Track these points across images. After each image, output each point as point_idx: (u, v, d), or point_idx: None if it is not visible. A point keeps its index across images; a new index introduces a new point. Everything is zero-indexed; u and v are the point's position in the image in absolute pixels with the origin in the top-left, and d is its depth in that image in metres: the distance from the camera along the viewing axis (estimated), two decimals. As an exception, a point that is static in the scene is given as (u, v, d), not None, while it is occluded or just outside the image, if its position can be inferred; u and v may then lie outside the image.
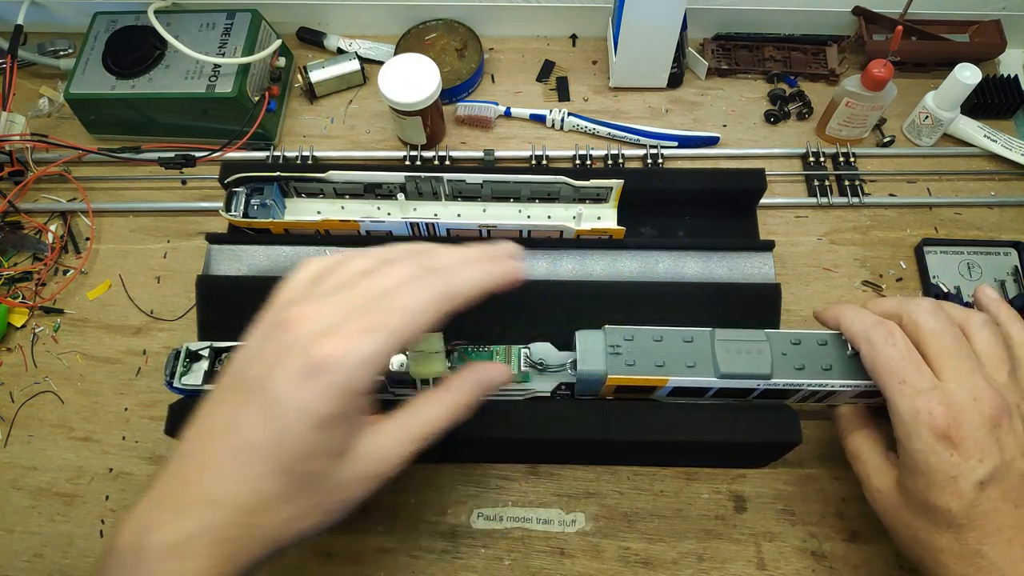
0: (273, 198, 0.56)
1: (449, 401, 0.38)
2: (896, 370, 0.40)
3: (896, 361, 0.40)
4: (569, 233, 0.55)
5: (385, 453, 0.36)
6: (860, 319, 0.42)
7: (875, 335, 0.41)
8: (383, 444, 0.36)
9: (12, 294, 0.61)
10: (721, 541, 0.52)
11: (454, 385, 0.39)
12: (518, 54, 0.74)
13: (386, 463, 0.36)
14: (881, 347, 0.40)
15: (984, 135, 0.66)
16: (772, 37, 0.73)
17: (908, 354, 0.40)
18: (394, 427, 0.37)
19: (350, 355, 0.32)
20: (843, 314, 0.43)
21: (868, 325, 0.41)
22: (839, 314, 0.44)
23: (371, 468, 0.35)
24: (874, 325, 0.41)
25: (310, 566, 0.51)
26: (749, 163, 0.67)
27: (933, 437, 0.38)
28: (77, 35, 0.71)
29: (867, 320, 0.42)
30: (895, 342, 0.40)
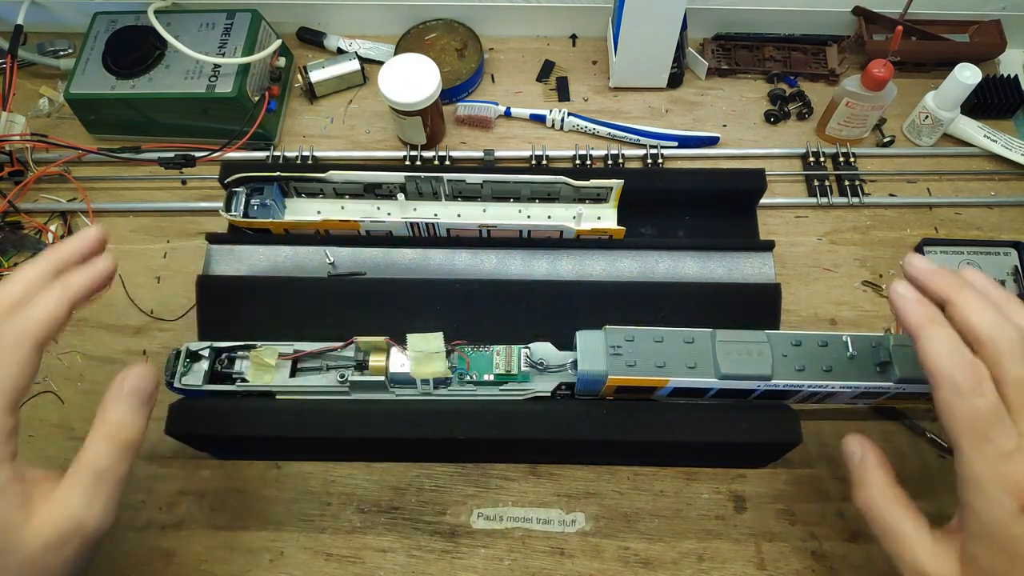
0: (273, 198, 0.56)
1: (102, 432, 0.37)
2: (981, 428, 0.33)
3: (984, 417, 0.33)
4: (569, 233, 0.55)
5: (66, 515, 0.34)
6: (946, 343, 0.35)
7: (963, 379, 0.34)
8: (60, 506, 0.35)
9: (12, 294, 0.61)
10: (721, 541, 0.52)
11: (101, 413, 0.38)
12: (518, 54, 0.74)
13: (71, 524, 0.35)
14: (969, 397, 0.33)
15: (984, 135, 0.66)
16: (772, 37, 0.73)
17: (997, 409, 0.33)
18: (66, 486, 0.35)
19: None
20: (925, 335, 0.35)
21: (955, 362, 0.34)
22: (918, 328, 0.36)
23: (56, 534, 0.34)
24: (962, 365, 0.34)
25: (310, 565, 0.51)
26: (749, 163, 0.67)
27: (1016, 507, 0.32)
28: (77, 35, 0.71)
29: (955, 347, 0.34)
30: (984, 393, 0.33)
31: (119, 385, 0.38)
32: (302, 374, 0.49)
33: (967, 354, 0.35)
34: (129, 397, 0.38)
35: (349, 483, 0.53)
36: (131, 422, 0.37)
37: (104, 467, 0.36)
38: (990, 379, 0.34)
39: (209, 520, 0.52)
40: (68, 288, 0.37)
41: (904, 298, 0.37)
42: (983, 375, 0.34)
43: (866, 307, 0.60)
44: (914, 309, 0.36)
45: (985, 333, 0.35)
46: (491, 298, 0.53)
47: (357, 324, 0.52)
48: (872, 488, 0.37)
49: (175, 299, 0.61)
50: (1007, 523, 0.33)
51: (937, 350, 0.35)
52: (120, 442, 0.37)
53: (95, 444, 0.37)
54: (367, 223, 0.55)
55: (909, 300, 0.36)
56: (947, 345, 0.35)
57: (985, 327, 0.35)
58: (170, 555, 0.51)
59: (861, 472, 0.38)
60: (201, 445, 0.53)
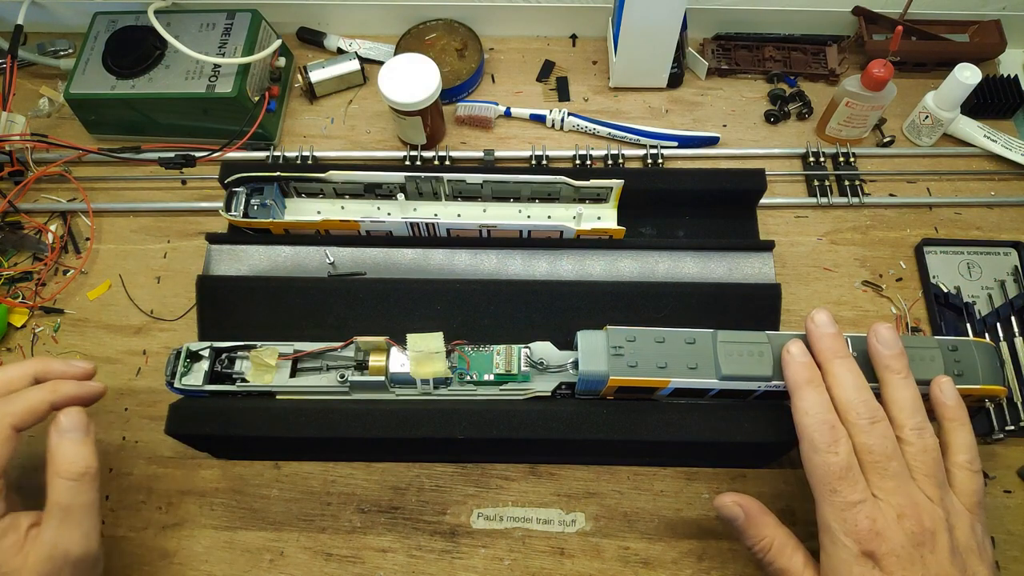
0: (273, 198, 0.56)
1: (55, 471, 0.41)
2: (831, 480, 0.39)
3: (834, 471, 0.39)
4: (569, 233, 0.55)
5: (49, 550, 0.40)
6: (813, 405, 0.40)
7: (820, 438, 0.39)
8: (44, 544, 0.40)
9: (12, 294, 0.61)
10: (721, 541, 0.52)
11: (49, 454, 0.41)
12: (518, 54, 0.74)
13: (57, 557, 0.40)
14: (823, 453, 0.39)
15: (984, 135, 0.66)
16: (772, 37, 0.73)
17: (847, 466, 0.39)
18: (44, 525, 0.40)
19: None
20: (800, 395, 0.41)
21: (817, 421, 0.40)
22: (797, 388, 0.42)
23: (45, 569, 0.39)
24: (822, 426, 0.40)
25: (310, 565, 0.51)
26: (749, 163, 0.67)
27: (857, 550, 0.38)
28: (77, 35, 0.71)
29: (819, 409, 0.40)
30: (837, 451, 0.39)
31: (56, 427, 0.42)
32: (302, 374, 0.49)
33: (829, 416, 0.40)
34: (69, 433, 0.42)
35: (349, 483, 0.53)
36: (77, 455, 0.41)
37: (67, 501, 0.40)
38: (847, 440, 0.39)
39: (209, 520, 0.52)
40: (54, 392, 0.43)
41: (791, 356, 0.42)
42: (840, 436, 0.39)
43: (866, 307, 0.60)
44: (796, 370, 0.42)
45: (843, 403, 0.41)
46: (491, 298, 0.53)
47: (357, 324, 0.52)
48: (764, 538, 0.41)
49: (175, 299, 0.61)
50: (850, 564, 0.37)
51: (804, 409, 0.40)
52: (75, 476, 0.41)
53: (53, 483, 0.41)
54: (367, 223, 0.55)
55: (794, 360, 0.42)
56: (813, 406, 0.40)
57: (844, 398, 0.41)
58: (170, 555, 0.51)
59: (750, 528, 0.42)
60: (201, 445, 0.53)
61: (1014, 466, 0.54)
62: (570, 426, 0.47)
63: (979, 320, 0.58)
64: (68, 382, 0.44)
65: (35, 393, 0.42)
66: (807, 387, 0.41)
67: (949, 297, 0.59)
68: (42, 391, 0.43)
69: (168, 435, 0.48)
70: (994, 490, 0.53)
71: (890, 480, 0.39)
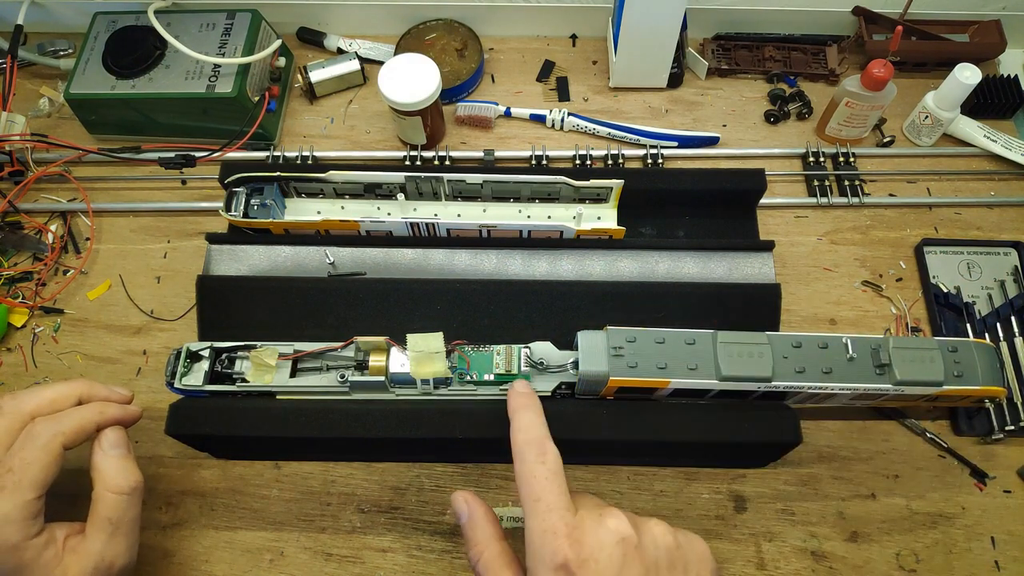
0: (273, 198, 0.56)
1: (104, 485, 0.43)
2: (536, 489, 0.38)
3: (537, 480, 0.38)
4: (569, 233, 0.55)
5: (96, 561, 0.41)
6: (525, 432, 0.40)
7: (527, 451, 0.39)
8: (90, 555, 0.41)
9: (12, 294, 0.61)
10: (721, 541, 0.52)
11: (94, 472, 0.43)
12: (518, 54, 0.74)
13: (101, 569, 0.41)
14: (530, 464, 0.39)
15: (984, 135, 0.66)
16: (772, 37, 0.73)
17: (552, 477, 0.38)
18: (90, 536, 0.42)
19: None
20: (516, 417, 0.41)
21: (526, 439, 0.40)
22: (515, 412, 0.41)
23: (98, 571, 0.41)
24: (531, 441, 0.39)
25: (310, 565, 0.51)
26: (749, 163, 0.67)
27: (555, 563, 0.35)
28: (77, 35, 0.71)
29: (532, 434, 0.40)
30: (544, 462, 0.39)
31: (100, 445, 0.44)
32: (302, 374, 0.49)
33: (540, 434, 0.40)
34: (113, 451, 0.44)
35: (349, 483, 0.53)
36: (120, 471, 0.43)
37: (117, 516, 0.42)
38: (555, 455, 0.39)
39: (209, 520, 0.52)
40: (102, 414, 0.44)
41: (513, 388, 0.43)
42: (547, 451, 0.39)
43: (866, 307, 0.60)
44: (515, 397, 0.42)
45: None
46: (491, 298, 0.53)
47: (357, 324, 0.52)
48: (479, 546, 0.40)
49: (175, 299, 0.61)
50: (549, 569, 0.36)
51: (517, 427, 0.41)
52: (123, 490, 0.43)
53: (104, 498, 0.42)
54: (367, 223, 0.55)
55: (515, 391, 0.43)
56: (526, 425, 0.41)
57: None
58: (170, 555, 0.51)
59: (470, 531, 0.40)
60: (201, 445, 0.53)
61: (1014, 466, 0.54)
62: (570, 426, 0.47)
63: (979, 320, 0.58)
64: (112, 404, 0.45)
65: (84, 413, 0.43)
66: (522, 410, 0.41)
67: (949, 297, 0.59)
68: (90, 411, 0.44)
69: (168, 435, 0.48)
70: (994, 490, 0.53)
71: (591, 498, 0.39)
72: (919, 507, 0.53)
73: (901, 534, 0.52)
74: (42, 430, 0.41)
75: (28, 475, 0.40)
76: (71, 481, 0.43)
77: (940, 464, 0.54)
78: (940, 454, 0.55)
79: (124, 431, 0.45)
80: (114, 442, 0.44)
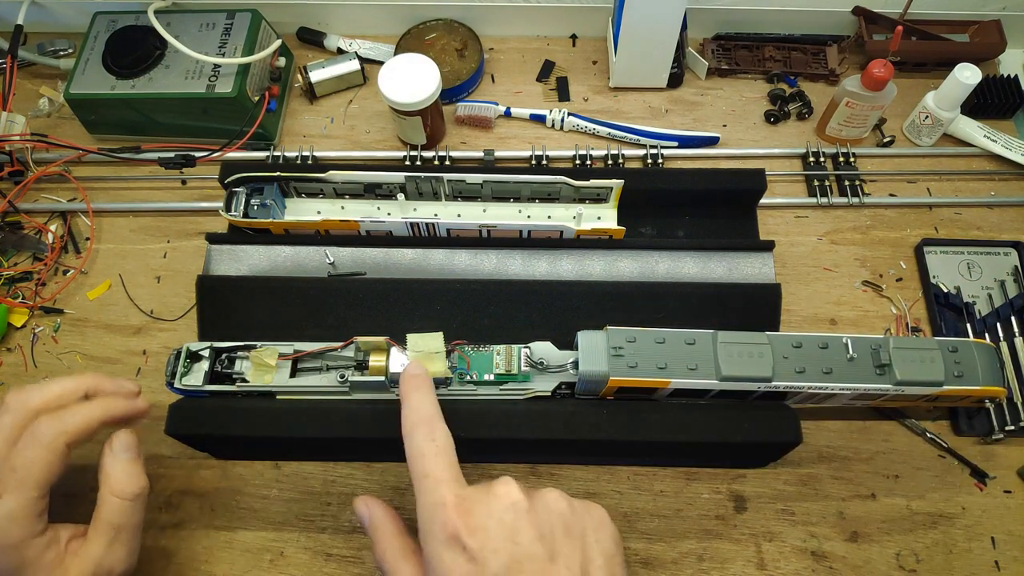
0: (273, 198, 0.56)
1: (110, 489, 0.42)
2: (423, 465, 0.37)
3: (429, 457, 0.37)
4: (569, 233, 0.55)
5: (96, 566, 0.41)
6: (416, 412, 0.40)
7: (415, 429, 0.39)
8: (90, 559, 0.41)
9: (12, 294, 0.61)
10: (721, 541, 0.52)
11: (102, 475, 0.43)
12: (518, 54, 0.74)
13: (109, 563, 0.41)
14: (418, 441, 0.38)
15: (984, 135, 0.66)
16: (772, 37, 0.73)
17: (443, 450, 0.38)
18: (91, 540, 0.41)
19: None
20: (408, 398, 0.40)
21: (415, 424, 0.39)
22: (406, 394, 0.41)
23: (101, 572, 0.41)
24: (420, 424, 0.39)
25: (310, 565, 0.51)
26: (749, 163, 0.67)
27: (445, 535, 0.35)
28: (77, 35, 0.71)
29: (421, 414, 0.39)
30: (434, 437, 0.38)
31: (110, 447, 0.43)
32: (302, 374, 0.49)
33: (430, 413, 0.40)
34: (122, 454, 0.43)
35: (349, 483, 0.53)
36: (129, 475, 0.43)
37: (120, 521, 0.42)
38: (444, 431, 0.39)
39: (209, 520, 0.52)
40: (107, 409, 0.43)
41: (405, 371, 0.42)
42: (436, 430, 0.39)
43: (866, 307, 0.60)
44: (407, 380, 0.41)
45: None
46: (491, 298, 0.53)
47: (357, 324, 0.52)
48: (381, 544, 0.40)
49: (175, 299, 0.61)
50: (440, 551, 0.35)
51: (408, 408, 0.40)
52: (128, 495, 0.42)
53: (108, 502, 0.42)
54: (367, 223, 0.55)
55: (407, 373, 0.42)
56: (416, 405, 0.40)
57: None
58: (170, 555, 0.51)
59: (372, 532, 0.41)
60: (201, 445, 0.53)
61: (1014, 466, 0.54)
62: (570, 426, 0.47)
63: (979, 320, 0.58)
64: (119, 400, 0.44)
65: (90, 410, 0.43)
66: (414, 392, 0.41)
67: (949, 297, 0.59)
68: (96, 409, 0.43)
69: (168, 435, 0.48)
70: (994, 490, 0.53)
71: None
72: (919, 507, 0.53)
73: (901, 534, 0.52)
74: (46, 429, 0.41)
75: (32, 474, 0.40)
76: (69, 481, 0.42)
77: (940, 464, 0.54)
78: (940, 454, 0.55)
79: (133, 434, 0.44)
80: (125, 445, 0.43)
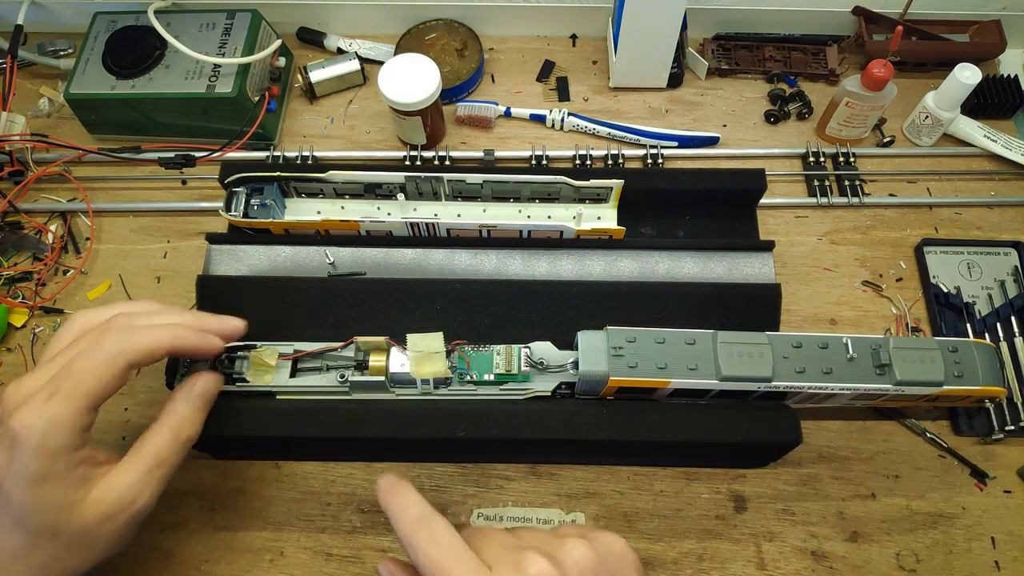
0: (273, 198, 0.56)
1: (164, 426, 0.42)
2: (437, 571, 0.35)
3: (439, 560, 0.35)
4: (569, 233, 0.55)
5: (121, 492, 0.39)
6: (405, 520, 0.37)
7: (415, 537, 0.36)
8: (117, 485, 0.39)
9: (12, 294, 0.61)
10: (721, 541, 0.52)
11: (165, 409, 0.43)
12: (518, 54, 0.74)
13: (124, 500, 0.39)
14: (422, 549, 0.35)
15: (984, 135, 0.66)
16: (772, 37, 0.73)
17: (449, 546, 0.35)
18: (124, 469, 0.40)
19: (35, 423, 0.36)
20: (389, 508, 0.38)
21: (410, 528, 0.36)
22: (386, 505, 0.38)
23: (109, 509, 0.39)
24: (416, 526, 0.36)
25: (310, 565, 0.51)
26: (749, 163, 0.67)
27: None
28: (77, 35, 0.71)
29: (411, 517, 0.37)
30: (435, 538, 0.36)
31: (190, 386, 0.43)
32: (302, 374, 0.49)
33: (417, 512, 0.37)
34: (197, 398, 0.43)
35: (349, 483, 0.53)
36: (193, 419, 0.43)
37: (164, 456, 0.41)
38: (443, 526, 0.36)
39: (209, 520, 0.52)
40: (176, 337, 0.41)
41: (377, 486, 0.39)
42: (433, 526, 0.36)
43: (866, 307, 0.60)
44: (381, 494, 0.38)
45: None
46: (491, 298, 0.53)
47: (357, 324, 0.52)
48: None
49: (175, 299, 0.61)
50: None
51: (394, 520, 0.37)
52: (183, 436, 0.42)
53: (160, 434, 0.41)
54: (367, 223, 0.55)
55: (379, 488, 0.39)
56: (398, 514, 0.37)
57: None
58: (170, 555, 0.51)
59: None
60: (201, 445, 0.53)
61: (1014, 466, 0.54)
62: (570, 426, 0.47)
63: (979, 320, 0.58)
64: (191, 333, 0.42)
65: (160, 334, 0.41)
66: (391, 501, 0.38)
67: (949, 297, 0.59)
68: (166, 334, 0.41)
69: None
70: (994, 490, 0.53)
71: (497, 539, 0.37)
72: (919, 507, 0.53)
73: (901, 534, 0.52)
74: (111, 342, 0.39)
75: (86, 383, 0.38)
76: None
77: (940, 464, 0.54)
78: (940, 454, 0.55)
79: (217, 383, 0.44)
80: (204, 391, 0.43)
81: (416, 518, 0.37)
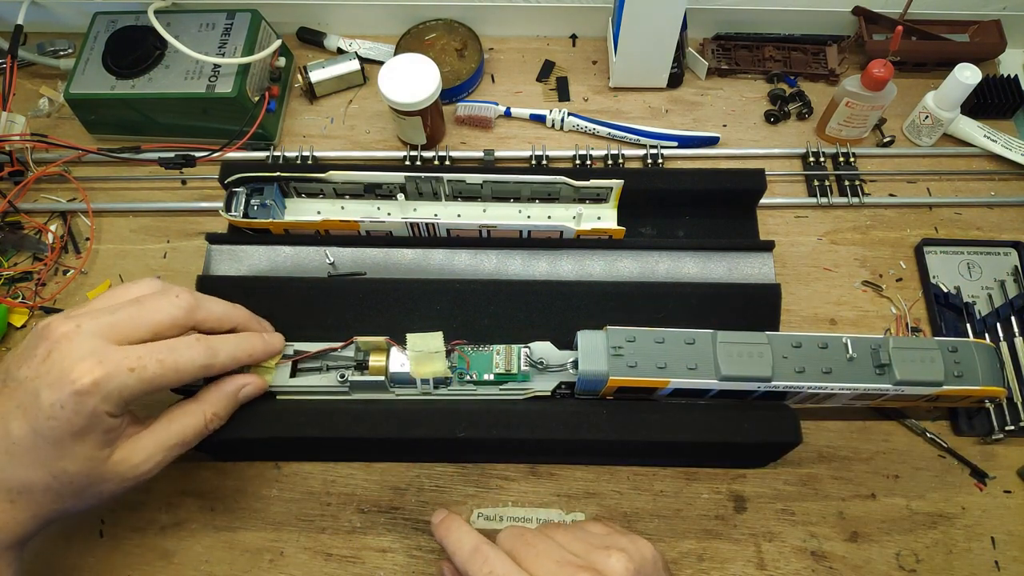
0: (273, 198, 0.56)
1: (200, 412, 0.44)
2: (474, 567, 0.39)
3: None
4: (569, 233, 0.55)
5: (139, 460, 0.41)
6: (461, 550, 0.41)
7: (471, 567, 0.40)
8: (138, 453, 0.41)
9: (12, 294, 0.61)
10: (721, 541, 0.52)
11: (205, 397, 0.44)
12: (518, 54, 0.74)
13: (139, 469, 0.41)
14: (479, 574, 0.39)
15: (984, 135, 0.66)
16: (772, 37, 0.73)
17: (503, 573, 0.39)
18: (149, 439, 0.42)
19: (105, 384, 0.38)
20: (446, 541, 0.42)
21: (466, 557, 0.40)
22: (443, 539, 0.43)
23: (126, 472, 0.41)
24: (471, 555, 0.40)
25: (310, 565, 0.51)
26: (749, 163, 0.67)
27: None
28: (77, 35, 0.71)
29: (465, 549, 0.41)
30: (492, 568, 0.39)
31: (239, 385, 0.45)
32: (302, 374, 0.49)
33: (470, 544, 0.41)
34: (235, 395, 0.45)
35: (349, 483, 0.53)
36: (225, 416, 0.45)
37: (189, 440, 0.43)
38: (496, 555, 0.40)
39: (209, 520, 0.52)
40: (252, 356, 0.45)
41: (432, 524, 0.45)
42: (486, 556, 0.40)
43: (866, 307, 0.60)
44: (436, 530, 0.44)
45: None
46: (491, 298, 0.53)
47: (357, 324, 0.52)
48: None
49: (175, 299, 0.61)
50: None
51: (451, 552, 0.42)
52: (211, 428, 0.44)
53: (195, 417, 0.43)
54: (367, 223, 0.55)
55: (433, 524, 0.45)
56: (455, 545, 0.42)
57: None
58: (170, 555, 0.51)
59: None
60: (201, 445, 0.53)
61: (1014, 466, 0.54)
62: (570, 426, 0.47)
63: (979, 320, 0.58)
64: (260, 345, 0.46)
65: (236, 353, 0.44)
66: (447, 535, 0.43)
67: (949, 297, 0.59)
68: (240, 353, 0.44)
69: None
70: (994, 490, 0.53)
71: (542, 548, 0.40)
72: (919, 507, 0.53)
73: (901, 534, 0.52)
74: (195, 355, 0.41)
75: (152, 374, 0.39)
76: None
77: (940, 464, 0.54)
78: (940, 454, 0.55)
79: (262, 388, 0.47)
80: (248, 397, 0.46)
81: (471, 549, 0.40)
